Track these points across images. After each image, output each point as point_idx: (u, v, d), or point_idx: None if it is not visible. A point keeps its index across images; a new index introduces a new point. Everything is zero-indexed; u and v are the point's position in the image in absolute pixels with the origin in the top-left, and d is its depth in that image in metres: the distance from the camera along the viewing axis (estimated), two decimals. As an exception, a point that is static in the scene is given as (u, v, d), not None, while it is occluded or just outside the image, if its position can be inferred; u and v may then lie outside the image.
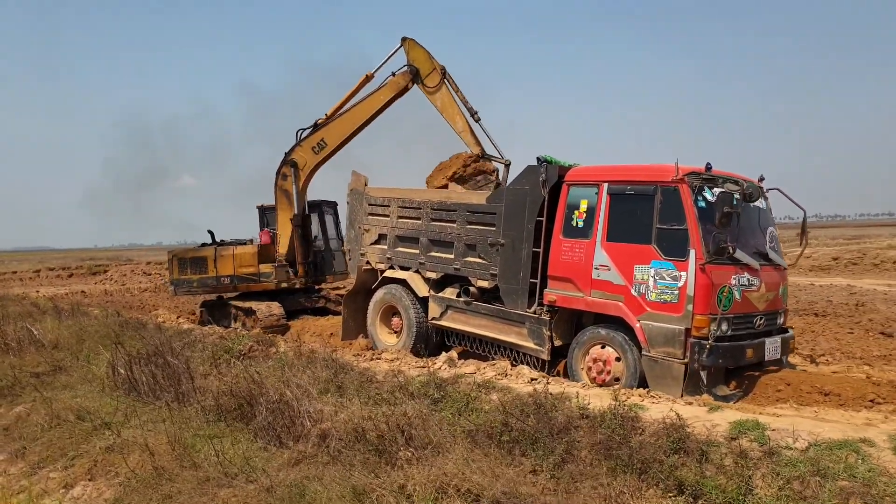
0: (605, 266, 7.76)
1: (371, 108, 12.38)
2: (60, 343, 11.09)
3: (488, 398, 6.81)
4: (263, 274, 14.18)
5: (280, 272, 14.12)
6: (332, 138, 13.05)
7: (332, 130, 13.03)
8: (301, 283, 14.42)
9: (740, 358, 7.24)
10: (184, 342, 9.93)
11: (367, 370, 8.19)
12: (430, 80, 11.51)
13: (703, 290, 7.05)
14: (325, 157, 13.38)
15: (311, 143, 13.33)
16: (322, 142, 13.18)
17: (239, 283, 14.44)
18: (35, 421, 7.34)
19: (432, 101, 11.55)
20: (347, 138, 12.97)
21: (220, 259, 14.50)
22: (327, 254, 15.13)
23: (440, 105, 11.43)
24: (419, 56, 11.74)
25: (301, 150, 13.52)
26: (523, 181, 8.65)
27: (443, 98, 11.40)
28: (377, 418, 5.26)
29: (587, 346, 7.94)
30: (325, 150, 13.21)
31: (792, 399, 7.02)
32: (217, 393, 6.72)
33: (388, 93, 12.10)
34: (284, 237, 14.30)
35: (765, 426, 5.35)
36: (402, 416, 5.19)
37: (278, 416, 5.92)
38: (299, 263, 14.29)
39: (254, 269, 14.22)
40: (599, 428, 5.69)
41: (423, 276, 9.98)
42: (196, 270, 14.79)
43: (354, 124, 12.69)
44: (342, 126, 12.84)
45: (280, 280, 14.17)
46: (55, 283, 34.00)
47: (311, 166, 13.54)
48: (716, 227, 6.98)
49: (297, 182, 13.75)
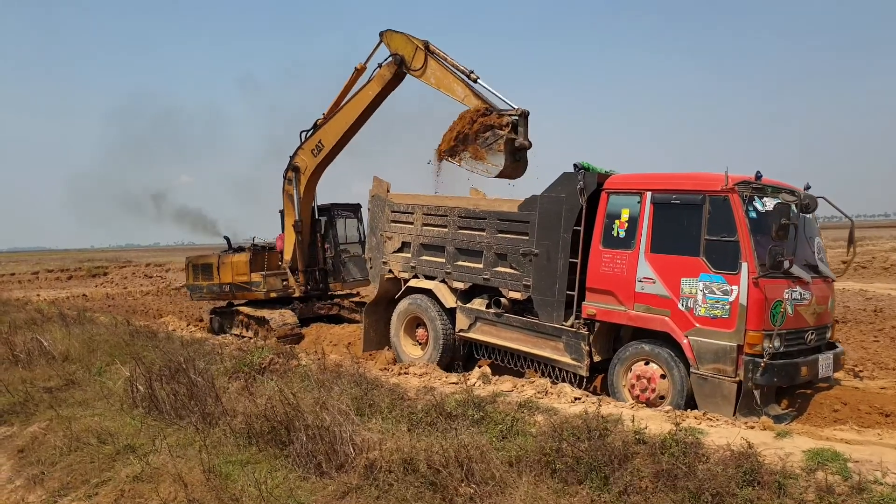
0: (650, 279, 7.41)
1: (361, 104, 11.97)
2: (71, 354, 10.72)
3: (533, 420, 6.47)
4: (254, 283, 13.95)
5: (271, 281, 13.82)
6: (329, 139, 12.71)
7: (328, 131, 12.68)
8: (300, 292, 14.12)
9: (795, 376, 6.90)
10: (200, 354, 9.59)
11: (398, 386, 7.84)
12: (415, 62, 10.93)
13: (756, 304, 6.72)
14: (325, 159, 13.03)
15: (311, 146, 13.03)
16: (320, 143, 12.86)
17: (237, 292, 14.29)
18: (53, 443, 6.96)
19: (426, 82, 10.91)
20: (343, 138, 12.58)
21: (222, 266, 14.40)
22: (336, 260, 14.77)
23: (434, 82, 10.78)
24: (398, 42, 11.26)
25: (302, 152, 13.22)
26: (559, 188, 8.29)
27: (434, 73, 10.78)
28: (432, 449, 4.90)
29: (630, 363, 7.60)
30: (323, 152, 12.87)
31: (851, 420, 6.69)
32: (248, 415, 6.36)
33: (375, 87, 11.67)
34: (289, 243, 14.03)
35: (843, 456, 5.01)
36: (461, 448, 4.82)
37: (318, 443, 5.57)
38: (300, 271, 14.04)
39: (246, 278, 14.03)
40: (660, 455, 5.37)
41: (450, 286, 9.62)
42: (206, 277, 14.75)
43: (347, 122, 12.28)
44: (336, 125, 12.48)
45: (270, 290, 13.90)
46: (55, 286, 33.64)
47: (311, 169, 13.20)
48: (772, 240, 6.64)
49: (298, 186, 13.44)
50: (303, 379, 8.23)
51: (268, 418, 6.07)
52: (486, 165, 9.85)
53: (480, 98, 10.17)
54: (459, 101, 10.36)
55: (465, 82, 10.42)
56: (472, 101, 10.19)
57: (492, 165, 9.77)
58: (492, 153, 9.74)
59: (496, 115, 9.85)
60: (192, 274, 15.24)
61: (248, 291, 14.09)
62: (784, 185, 7.44)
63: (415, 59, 10.95)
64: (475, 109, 10.01)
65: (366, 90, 11.89)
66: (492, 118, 9.85)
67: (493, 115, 9.85)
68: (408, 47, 11.08)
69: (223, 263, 14.35)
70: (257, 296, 13.98)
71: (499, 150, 9.64)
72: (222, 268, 14.34)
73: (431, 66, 10.78)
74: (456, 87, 10.46)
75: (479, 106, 10.03)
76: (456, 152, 10.15)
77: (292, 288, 14.13)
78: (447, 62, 10.74)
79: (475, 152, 9.96)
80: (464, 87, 10.38)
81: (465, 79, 10.47)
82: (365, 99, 11.90)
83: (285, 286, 14.13)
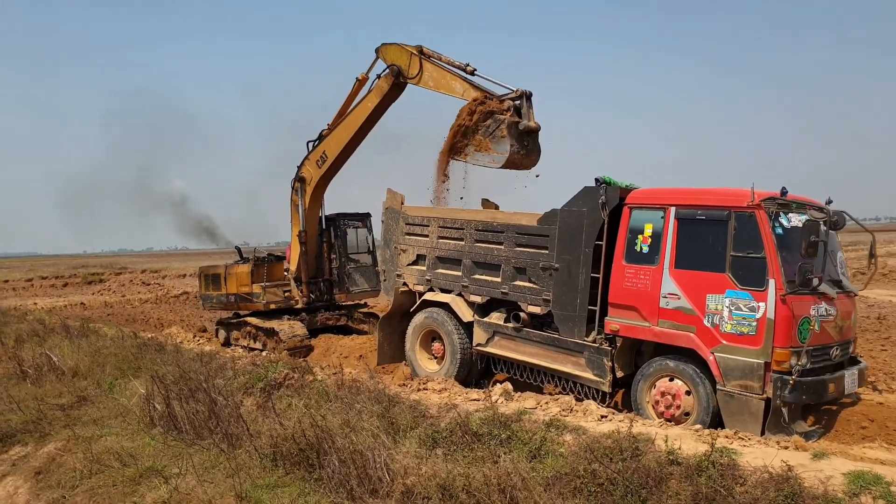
0: (675, 294, 7.36)
1: (361, 115, 11.91)
2: (80, 369, 10.59)
3: (561, 439, 6.40)
4: (254, 294, 13.94)
5: (271, 293, 13.82)
6: (332, 150, 12.65)
7: (331, 142, 12.63)
8: (303, 303, 14.06)
9: (823, 393, 6.86)
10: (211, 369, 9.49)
11: (418, 403, 7.75)
12: (411, 69, 10.84)
13: (784, 321, 6.68)
14: (329, 170, 12.96)
15: (316, 156, 12.99)
16: (324, 154, 12.81)
17: (241, 302, 14.25)
18: (72, 464, 6.85)
19: (425, 87, 10.78)
20: (346, 149, 12.51)
21: (229, 277, 14.39)
22: (341, 271, 14.68)
23: (433, 84, 10.66)
24: (393, 53, 11.22)
25: (308, 163, 13.17)
26: (580, 202, 8.23)
27: (431, 75, 10.67)
28: (473, 476, 4.82)
29: (653, 379, 7.54)
30: (327, 163, 12.81)
31: (879, 437, 6.65)
32: (275, 437, 6.26)
33: (374, 98, 11.62)
34: (294, 254, 13.99)
35: (885, 479, 4.96)
36: (504, 476, 4.75)
37: (350, 467, 5.48)
38: (304, 282, 13.96)
39: (248, 289, 14.02)
40: (696, 477, 5.31)
41: (467, 300, 9.54)
42: (215, 287, 14.72)
43: (349, 134, 12.22)
44: (339, 137, 12.44)
45: (269, 301, 13.86)
46: (50, 294, 33.35)
47: (316, 180, 13.15)
48: (801, 257, 6.60)
49: (303, 197, 13.37)
50: (320, 395, 8.15)
51: (296, 441, 5.98)
52: (491, 156, 9.53)
53: (480, 89, 9.99)
54: (460, 98, 10.19)
55: (463, 77, 10.29)
56: (472, 94, 10.00)
57: (497, 154, 9.44)
58: (496, 141, 9.44)
59: (496, 101, 9.62)
60: (203, 284, 15.26)
61: (249, 302, 14.05)
62: (808, 200, 7.41)
63: (410, 66, 10.88)
64: (473, 99, 9.77)
65: (365, 102, 11.85)
66: (491, 104, 9.58)
67: (493, 101, 9.60)
68: (402, 56, 11.03)
69: (229, 274, 14.32)
70: (257, 307, 13.94)
71: (502, 137, 9.34)
72: (228, 278, 14.32)
73: (427, 69, 10.69)
74: (454, 85, 10.32)
75: (476, 96, 9.80)
76: (460, 149, 9.93)
77: (295, 299, 14.05)
78: (442, 61, 10.65)
79: (479, 144, 9.66)
80: (462, 82, 10.24)
81: (462, 74, 10.33)
82: (364, 111, 11.87)
83: (287, 297, 14.06)
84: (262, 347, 13.50)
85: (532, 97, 9.59)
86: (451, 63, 10.52)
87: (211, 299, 14.94)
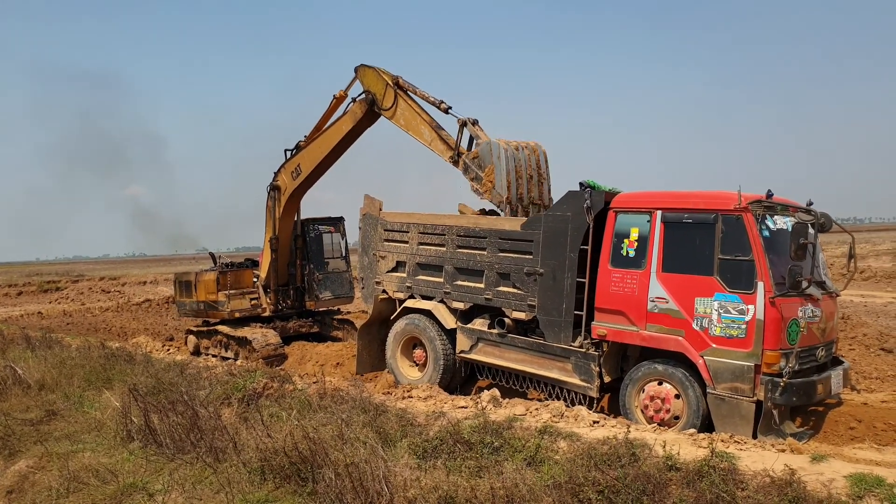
0: (663, 298, 7.36)
1: (335, 136, 11.80)
2: (47, 382, 10.18)
3: (555, 446, 6.33)
4: (219, 302, 13.63)
5: (235, 302, 13.55)
6: (306, 164, 12.52)
7: (306, 156, 12.50)
8: (270, 311, 13.84)
9: (813, 394, 6.91)
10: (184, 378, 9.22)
11: (405, 411, 7.62)
12: (385, 100, 10.71)
13: (773, 324, 6.71)
14: (303, 183, 12.80)
15: (291, 167, 12.84)
16: (298, 168, 12.67)
17: (209, 310, 13.92)
18: (47, 482, 6.53)
19: (396, 124, 10.73)
20: (320, 165, 12.38)
21: (198, 284, 14.02)
22: (310, 278, 14.43)
23: (403, 123, 10.60)
24: (369, 79, 11.07)
25: (284, 172, 13.00)
26: (564, 207, 8.19)
27: (403, 114, 10.60)
28: (481, 489, 4.70)
29: (642, 383, 7.52)
30: (301, 176, 12.67)
31: (868, 437, 6.72)
32: (264, 450, 6.06)
33: (349, 122, 11.50)
34: (265, 261, 13.79)
35: (885, 481, 4.98)
36: (511, 487, 4.64)
37: (346, 480, 5.32)
38: (271, 290, 13.76)
39: (214, 297, 13.70)
40: (697, 482, 5.28)
41: (449, 307, 9.43)
42: (187, 294, 14.28)
43: (323, 152, 12.10)
44: (313, 152, 12.30)
45: (234, 310, 13.57)
46: (4, 303, 32.24)
47: (290, 191, 12.97)
48: (791, 259, 6.65)
49: (277, 206, 13.16)
50: (302, 405, 7.96)
51: (287, 453, 5.79)
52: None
53: (445, 143, 10.03)
54: (427, 146, 10.28)
55: (431, 124, 10.27)
56: (437, 146, 10.11)
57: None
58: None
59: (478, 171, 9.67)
60: (178, 290, 14.79)
61: (215, 311, 13.73)
62: (791, 202, 7.48)
63: (385, 97, 10.75)
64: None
65: (339, 124, 11.72)
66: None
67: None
68: (378, 84, 10.88)
69: (199, 281, 13.96)
70: (222, 315, 13.65)
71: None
72: (198, 285, 13.96)
73: (401, 106, 10.59)
74: (424, 130, 10.33)
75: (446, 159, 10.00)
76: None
77: (262, 307, 13.79)
78: (417, 96, 10.56)
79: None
80: (430, 130, 10.22)
81: (432, 119, 10.32)
82: (338, 133, 11.73)
83: (254, 305, 13.79)
84: (233, 356, 13.19)
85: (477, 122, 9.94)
86: (425, 98, 10.47)
87: (185, 306, 14.53)
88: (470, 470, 5.33)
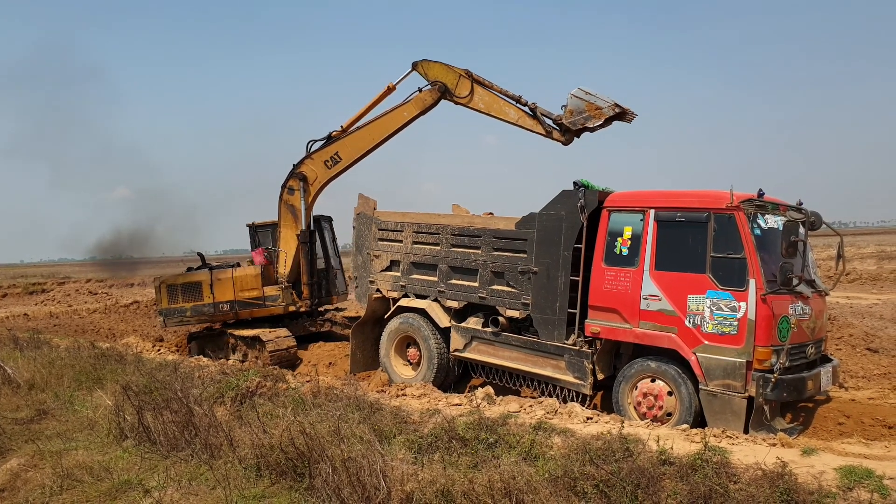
0: (655, 296, 7.42)
1: (393, 123, 11.76)
2: (37, 382, 10.13)
3: (550, 442, 6.37)
4: (269, 297, 12.93)
5: (287, 294, 13.06)
6: (348, 153, 12.33)
7: (349, 145, 12.31)
8: (306, 306, 13.37)
9: (803, 391, 6.99)
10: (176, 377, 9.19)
11: (399, 409, 7.64)
12: (460, 90, 10.98)
13: (764, 321, 6.79)
14: (338, 172, 12.64)
15: (324, 157, 12.54)
16: (336, 156, 12.42)
17: (241, 310, 13.00)
18: (40, 480, 6.51)
19: (474, 108, 11.01)
20: (364, 154, 12.29)
21: (218, 283, 13.02)
22: (329, 272, 14.24)
23: (484, 107, 10.89)
24: (437, 71, 11.24)
25: (312, 163, 12.69)
26: (558, 206, 8.25)
27: (483, 98, 10.90)
28: (479, 481, 4.73)
29: (635, 380, 7.58)
30: (339, 166, 12.47)
31: (856, 432, 6.81)
32: (259, 446, 6.07)
33: (413, 109, 11.52)
34: (289, 256, 13.22)
35: (875, 473, 5.06)
36: (509, 479, 4.68)
37: (343, 475, 5.33)
38: (304, 284, 13.27)
39: (258, 293, 12.91)
40: (691, 475, 5.34)
41: (443, 305, 9.46)
42: (190, 297, 13.25)
43: (374, 140, 12.01)
44: (360, 140, 12.16)
45: (288, 303, 13.02)
46: (-11, 305, 31.95)
47: (322, 181, 12.74)
48: (782, 257, 6.73)
49: (305, 197, 12.92)
50: (296, 403, 7.96)
51: (283, 450, 5.80)
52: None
53: (534, 119, 10.40)
54: (514, 123, 10.59)
55: (516, 105, 10.61)
56: (526, 122, 10.44)
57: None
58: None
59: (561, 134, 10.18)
60: (166, 296, 13.53)
61: (257, 308, 13.00)
62: (782, 201, 7.57)
63: (459, 86, 11.00)
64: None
65: (400, 111, 11.67)
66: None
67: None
68: (449, 76, 11.10)
69: (219, 280, 13.09)
70: (274, 311, 13.02)
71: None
72: (218, 285, 13.05)
73: (479, 92, 10.90)
74: (508, 110, 10.66)
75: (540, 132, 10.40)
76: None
77: (300, 302, 13.33)
78: (493, 89, 10.86)
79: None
80: (516, 109, 10.58)
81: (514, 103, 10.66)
82: (399, 119, 11.71)
83: (294, 300, 13.26)
84: (242, 359, 12.82)
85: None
86: (503, 92, 10.76)
87: (183, 312, 13.37)
88: (466, 464, 5.36)
